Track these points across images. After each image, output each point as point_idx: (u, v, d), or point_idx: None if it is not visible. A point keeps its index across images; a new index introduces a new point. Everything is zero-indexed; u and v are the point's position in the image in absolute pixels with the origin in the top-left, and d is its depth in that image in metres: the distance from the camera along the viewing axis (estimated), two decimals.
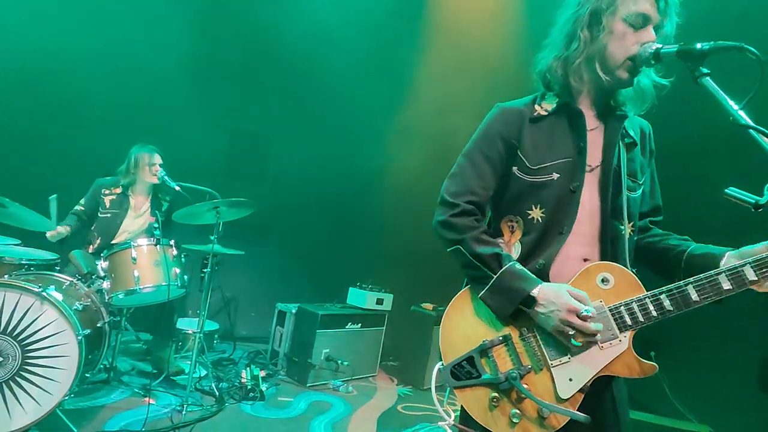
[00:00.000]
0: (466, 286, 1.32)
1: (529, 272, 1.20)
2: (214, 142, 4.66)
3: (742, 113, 0.99)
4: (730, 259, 1.15)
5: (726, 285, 1.08)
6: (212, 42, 4.55)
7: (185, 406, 2.75)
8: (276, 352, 4.01)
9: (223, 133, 4.81)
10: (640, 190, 1.32)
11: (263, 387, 3.26)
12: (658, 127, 1.40)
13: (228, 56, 4.66)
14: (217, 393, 3.05)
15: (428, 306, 4.14)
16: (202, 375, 3.33)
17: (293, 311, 3.94)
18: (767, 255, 1.06)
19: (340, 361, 3.72)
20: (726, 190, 1.06)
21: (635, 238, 1.32)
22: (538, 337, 1.20)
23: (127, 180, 3.34)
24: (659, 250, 1.35)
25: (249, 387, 3.19)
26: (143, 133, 3.60)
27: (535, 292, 1.15)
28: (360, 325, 3.97)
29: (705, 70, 1.06)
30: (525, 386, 1.16)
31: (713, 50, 1.04)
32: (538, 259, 1.24)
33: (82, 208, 3.30)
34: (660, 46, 1.15)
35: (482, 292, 1.23)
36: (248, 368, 3.38)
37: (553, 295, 1.14)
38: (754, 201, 1.00)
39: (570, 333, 1.12)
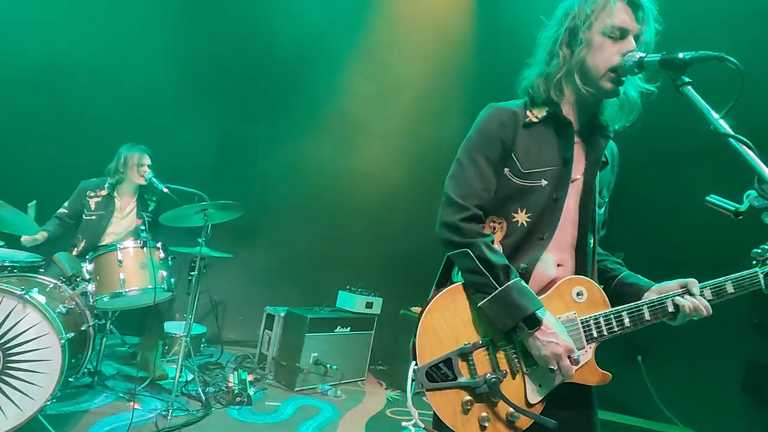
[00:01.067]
0: (447, 283, 1.32)
1: (532, 292, 1.20)
2: (202, 143, 4.63)
3: (722, 122, 1.01)
4: (651, 293, 1.29)
5: (670, 308, 1.24)
6: (201, 44, 4.53)
7: (171, 410, 2.72)
8: (264, 356, 3.98)
9: (212, 135, 4.78)
10: (604, 207, 1.40)
11: (250, 391, 3.23)
12: (639, 136, 1.42)
13: (217, 58, 4.63)
14: (204, 397, 3.01)
15: (418, 310, 4.11)
16: (188, 379, 3.29)
17: (282, 314, 3.92)
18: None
19: (328, 365, 3.70)
20: (707, 198, 1.08)
21: (596, 251, 1.37)
22: (517, 343, 1.23)
23: (114, 179, 3.30)
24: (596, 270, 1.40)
25: (236, 391, 3.16)
26: (131, 134, 3.57)
27: (540, 315, 1.16)
28: (349, 328, 3.96)
29: (687, 79, 1.08)
30: (502, 391, 1.18)
31: (695, 60, 1.06)
32: (520, 262, 1.26)
33: (66, 211, 3.26)
34: (643, 55, 1.16)
35: (483, 301, 1.20)
36: (235, 372, 3.35)
37: (557, 329, 1.17)
38: (734, 209, 1.02)
39: (552, 367, 1.16)
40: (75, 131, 4.03)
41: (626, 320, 1.23)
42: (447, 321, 1.25)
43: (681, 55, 1.08)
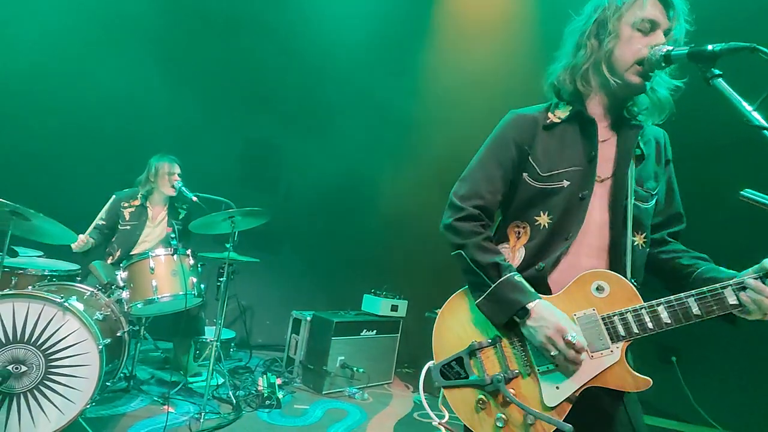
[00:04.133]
0: (464, 288, 1.34)
1: (528, 285, 1.19)
2: (228, 151, 4.73)
3: (755, 114, 0.98)
4: None
5: (731, 299, 1.03)
6: (226, 51, 4.64)
7: (203, 414, 2.78)
8: (291, 360, 4.03)
9: (237, 143, 4.88)
10: (653, 201, 1.28)
11: (279, 394, 3.27)
12: (670, 131, 1.39)
13: (242, 65, 4.73)
14: (234, 401, 3.07)
15: None
16: (219, 383, 3.36)
17: (308, 319, 3.96)
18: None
19: (355, 369, 3.72)
20: (741, 192, 1.04)
21: (647, 250, 1.28)
22: (527, 342, 1.20)
23: (146, 189, 3.41)
24: (670, 269, 1.31)
25: (265, 395, 3.21)
26: (160, 144, 3.68)
27: (530, 305, 1.15)
28: (375, 332, 3.97)
29: (717, 72, 1.04)
30: (511, 391, 1.17)
31: (725, 51, 1.03)
32: (540, 261, 1.23)
33: (104, 222, 3.35)
34: (671, 48, 1.14)
35: (479, 299, 1.24)
36: (264, 376, 3.40)
37: (546, 312, 1.14)
38: None
39: (552, 353, 1.12)
40: (106, 143, 4.17)
41: (664, 315, 1.07)
42: (459, 321, 1.30)
43: (710, 47, 1.05)
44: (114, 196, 3.41)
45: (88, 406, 2.24)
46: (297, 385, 3.79)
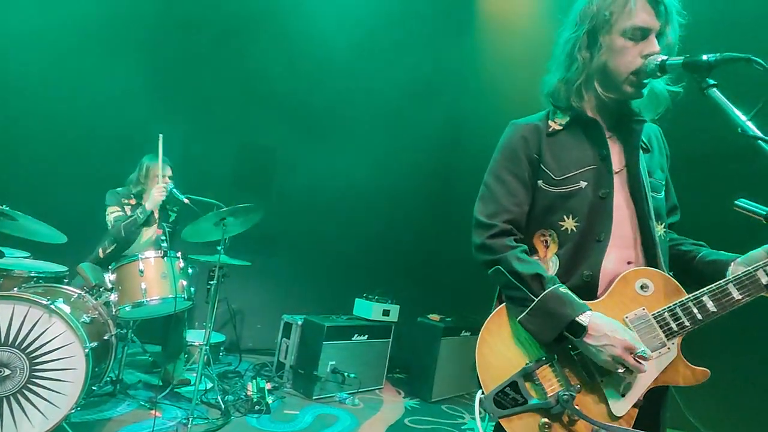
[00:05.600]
0: (498, 304, 1.27)
1: (574, 296, 1.13)
2: (220, 154, 4.70)
3: (750, 124, 0.99)
4: (737, 266, 1.15)
5: (764, 279, 1.07)
6: (220, 53, 4.61)
7: (191, 419, 2.73)
8: (282, 365, 3.99)
9: (230, 145, 4.85)
10: (663, 191, 1.30)
11: (269, 400, 3.24)
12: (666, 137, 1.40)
13: (235, 67, 4.71)
14: (223, 406, 3.03)
15: (435, 317, 4.11)
16: (207, 388, 3.32)
17: (299, 323, 3.93)
18: None
19: (346, 374, 3.69)
20: (736, 202, 1.05)
21: (667, 239, 1.29)
22: (584, 352, 1.14)
23: (137, 189, 3.34)
24: (673, 256, 1.32)
25: (255, 400, 3.18)
26: (152, 145, 3.64)
27: (583, 319, 1.09)
28: (366, 336, 3.95)
29: (712, 82, 1.05)
30: (578, 407, 1.09)
31: (720, 62, 1.04)
32: (582, 270, 1.19)
33: (121, 213, 3.20)
34: (665, 57, 1.13)
35: (521, 315, 1.15)
36: (254, 381, 3.37)
37: (607, 328, 1.07)
38: (765, 213, 0.99)
39: (621, 371, 1.06)
40: (97, 143, 4.12)
41: (710, 304, 1.08)
42: (504, 342, 1.19)
43: (705, 57, 1.05)
44: (112, 193, 3.28)
45: (73, 411, 2.20)
46: (287, 390, 3.75)
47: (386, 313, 4.12)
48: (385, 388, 4.13)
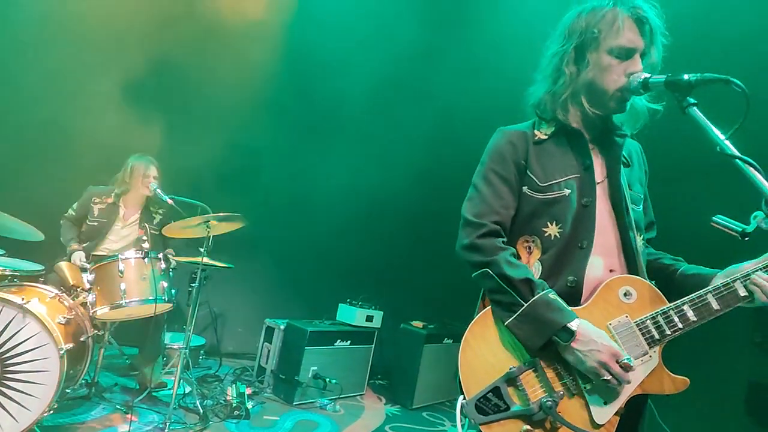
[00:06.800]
0: (482, 308, 1.27)
1: (563, 303, 1.15)
2: (205, 155, 4.64)
3: (728, 143, 1.02)
4: (718, 279, 1.18)
5: (742, 291, 1.10)
6: (206, 55, 4.57)
7: (168, 423, 2.68)
8: (263, 369, 3.95)
9: (215, 147, 4.80)
10: (641, 205, 1.34)
11: (249, 405, 3.19)
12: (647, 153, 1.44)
13: (221, 69, 4.68)
14: (201, 411, 2.98)
15: (418, 324, 4.11)
16: (186, 392, 3.26)
17: (282, 327, 3.89)
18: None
19: (328, 379, 3.66)
20: (713, 218, 1.08)
21: (645, 251, 1.33)
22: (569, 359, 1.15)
23: (121, 189, 3.31)
24: (655, 269, 1.36)
25: (234, 405, 3.13)
26: (137, 144, 3.59)
27: (573, 325, 1.10)
28: (349, 342, 3.93)
29: (692, 101, 1.09)
30: (560, 414, 1.09)
31: (700, 82, 1.08)
32: (566, 275, 1.21)
33: (73, 213, 3.29)
34: (648, 75, 1.17)
35: (509, 320, 1.16)
36: (234, 385, 3.32)
37: (594, 335, 1.09)
38: (741, 229, 1.03)
39: (606, 377, 1.07)
40: (74, 140, 4.03)
41: (690, 314, 1.11)
42: (488, 347, 1.19)
43: (686, 76, 1.09)
44: (89, 189, 3.33)
45: (45, 414, 2.15)
46: (267, 395, 3.71)
47: (370, 318, 4.11)
48: (366, 394, 4.11)
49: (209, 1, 4.58)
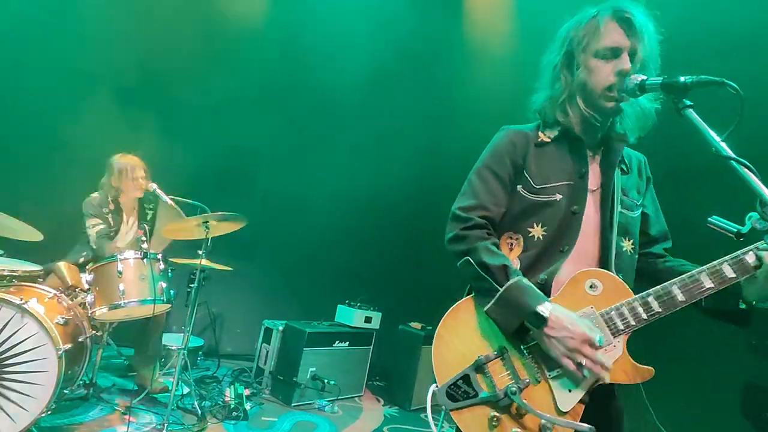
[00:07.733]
0: (458, 302, 1.32)
1: (535, 288, 1.18)
2: (204, 156, 4.65)
3: (723, 145, 1.03)
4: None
5: (708, 283, 1.12)
6: (205, 57, 4.58)
7: (166, 424, 2.67)
8: (261, 370, 3.95)
9: (214, 148, 4.80)
10: (638, 211, 1.37)
11: (247, 406, 3.20)
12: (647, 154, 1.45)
13: (220, 71, 4.68)
14: (200, 412, 2.98)
15: (416, 325, 4.12)
16: (184, 393, 3.26)
17: (280, 328, 3.89)
18: (741, 252, 1.10)
19: (326, 380, 3.66)
20: (709, 219, 1.09)
21: (636, 257, 1.34)
22: (534, 348, 1.19)
23: (113, 194, 3.25)
24: (661, 271, 1.36)
25: (232, 406, 3.13)
26: (137, 145, 3.59)
27: (543, 310, 1.13)
28: (347, 343, 3.93)
29: (688, 102, 1.10)
30: (525, 401, 1.13)
31: (695, 84, 1.09)
32: (539, 274, 1.24)
33: (101, 226, 3.18)
34: (645, 78, 1.18)
35: (488, 306, 1.20)
36: (232, 386, 3.32)
37: (566, 320, 1.11)
38: (736, 230, 1.03)
39: (580, 361, 1.09)
40: (78, 142, 4.04)
41: (654, 305, 1.14)
42: (459, 337, 1.24)
43: (682, 78, 1.10)
44: (89, 202, 3.20)
45: (43, 415, 2.15)
46: (265, 396, 3.71)
47: (368, 320, 4.11)
48: (364, 395, 4.11)
49: (209, 0, 4.59)
